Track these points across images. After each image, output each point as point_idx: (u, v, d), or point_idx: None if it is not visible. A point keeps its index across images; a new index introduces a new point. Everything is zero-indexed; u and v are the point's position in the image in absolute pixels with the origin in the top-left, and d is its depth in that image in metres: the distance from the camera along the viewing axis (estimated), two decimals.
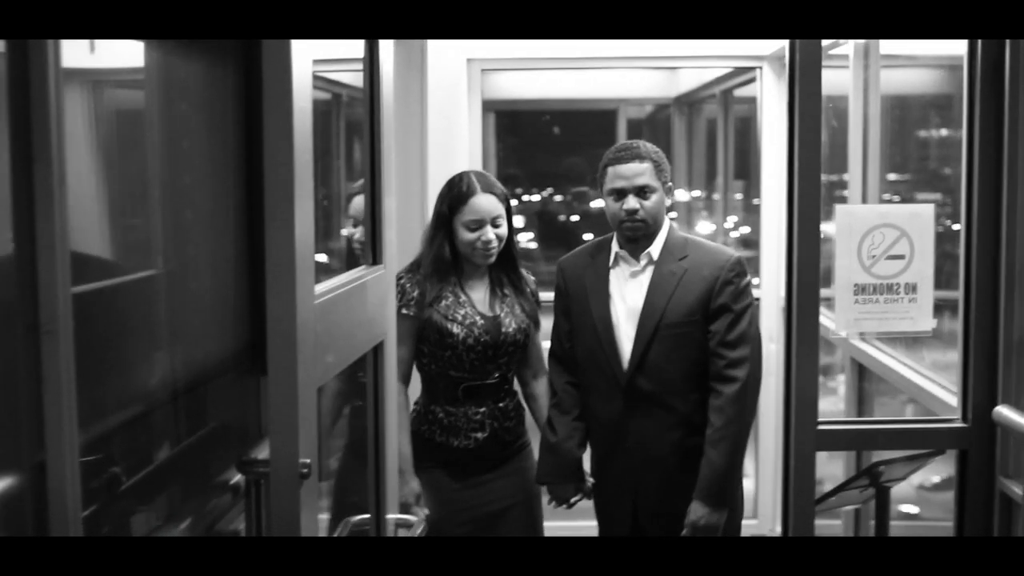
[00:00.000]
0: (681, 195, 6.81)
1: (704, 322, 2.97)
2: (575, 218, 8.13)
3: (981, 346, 2.56)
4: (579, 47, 4.47)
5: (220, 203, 2.03)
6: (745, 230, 6.10)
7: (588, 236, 7.54)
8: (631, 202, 2.97)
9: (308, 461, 1.99)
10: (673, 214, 3.12)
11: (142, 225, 1.83)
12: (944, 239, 2.69)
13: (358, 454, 3.07)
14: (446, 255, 3.06)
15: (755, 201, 5.29)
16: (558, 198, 8.13)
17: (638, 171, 2.98)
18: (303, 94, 1.85)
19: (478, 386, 3.09)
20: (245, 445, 2.09)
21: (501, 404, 3.13)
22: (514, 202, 3.28)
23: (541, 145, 8.05)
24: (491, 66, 4.74)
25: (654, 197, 2.99)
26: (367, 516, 2.73)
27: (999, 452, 2.54)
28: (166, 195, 1.87)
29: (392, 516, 2.86)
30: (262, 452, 2.02)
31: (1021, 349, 2.51)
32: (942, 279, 2.68)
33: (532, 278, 3.25)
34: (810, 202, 2.53)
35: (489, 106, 4.83)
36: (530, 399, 3.28)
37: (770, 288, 4.89)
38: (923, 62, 4.26)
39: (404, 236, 3.16)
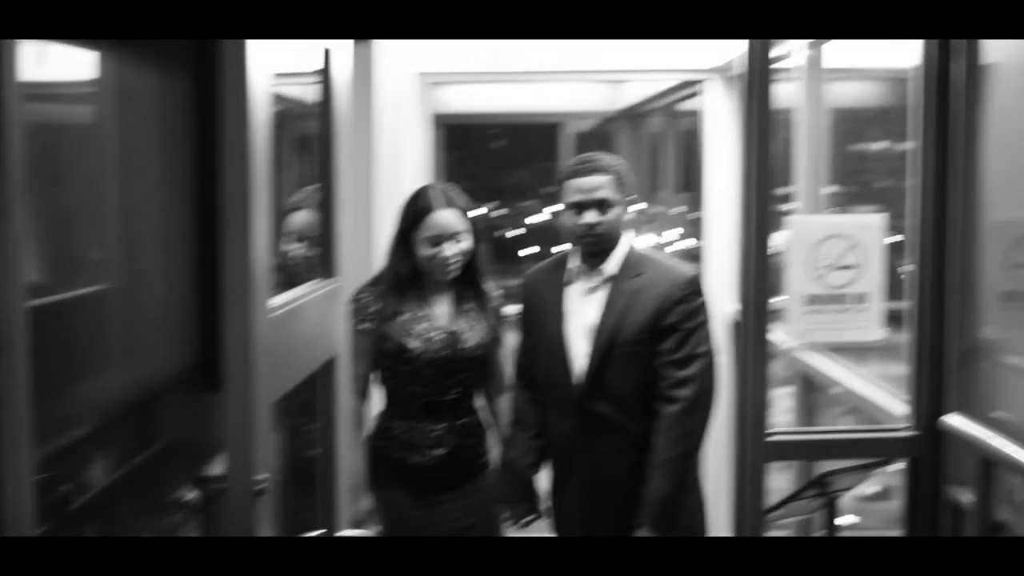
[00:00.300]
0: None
1: (656, 341, 2.90)
2: (514, 232, 8.11)
3: (931, 355, 2.60)
4: (526, 60, 4.45)
5: (172, 216, 2.00)
6: (690, 243, 6.13)
7: (526, 252, 7.57)
8: (589, 216, 2.92)
9: (265, 477, 1.96)
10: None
11: (92, 239, 1.79)
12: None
13: (304, 471, 3.02)
14: (406, 270, 3.02)
15: (690, 216, 5.30)
16: (499, 212, 8.12)
17: (597, 184, 2.92)
18: (261, 105, 1.83)
19: (438, 402, 3.04)
20: (199, 462, 2.05)
21: (461, 421, 3.08)
22: None
23: (487, 158, 8.04)
24: (441, 80, 4.70)
25: (613, 211, 2.93)
26: (318, 533, 2.70)
27: (949, 460, 2.58)
28: (117, 208, 1.83)
29: (344, 533, 2.83)
30: (216, 468, 1.99)
31: (966, 358, 2.55)
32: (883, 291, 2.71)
33: (498, 292, 3.21)
34: (761, 215, 2.55)
35: (437, 120, 4.78)
36: (493, 416, 3.24)
37: (713, 301, 4.90)
38: (865, 75, 4.33)
39: (347, 249, 3.13)
